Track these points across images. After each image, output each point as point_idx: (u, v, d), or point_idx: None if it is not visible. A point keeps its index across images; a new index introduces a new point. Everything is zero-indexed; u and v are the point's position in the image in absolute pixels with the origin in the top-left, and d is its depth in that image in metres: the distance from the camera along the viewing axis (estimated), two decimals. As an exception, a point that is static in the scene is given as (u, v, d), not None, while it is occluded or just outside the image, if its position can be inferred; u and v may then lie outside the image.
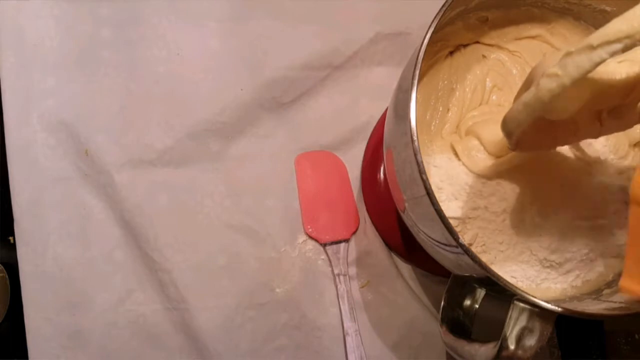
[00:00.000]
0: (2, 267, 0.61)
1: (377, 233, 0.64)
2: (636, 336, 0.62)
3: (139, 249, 0.61)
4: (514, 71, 0.52)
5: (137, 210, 0.62)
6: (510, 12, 0.52)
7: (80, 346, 0.60)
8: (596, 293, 0.46)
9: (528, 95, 0.34)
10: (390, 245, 0.63)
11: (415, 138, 0.37)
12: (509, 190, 0.47)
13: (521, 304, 0.38)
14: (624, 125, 0.36)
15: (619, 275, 0.48)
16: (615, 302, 0.43)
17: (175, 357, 0.60)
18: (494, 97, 0.51)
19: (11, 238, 0.61)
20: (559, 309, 0.37)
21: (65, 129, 0.62)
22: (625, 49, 0.29)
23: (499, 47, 0.52)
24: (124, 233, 0.62)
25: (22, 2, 0.63)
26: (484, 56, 0.52)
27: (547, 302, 0.37)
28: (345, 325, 0.61)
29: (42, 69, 0.63)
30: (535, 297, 0.37)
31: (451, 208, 0.46)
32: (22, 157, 0.62)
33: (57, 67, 0.63)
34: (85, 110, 0.63)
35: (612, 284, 0.47)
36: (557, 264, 0.47)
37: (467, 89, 0.51)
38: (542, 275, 0.47)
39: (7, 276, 0.60)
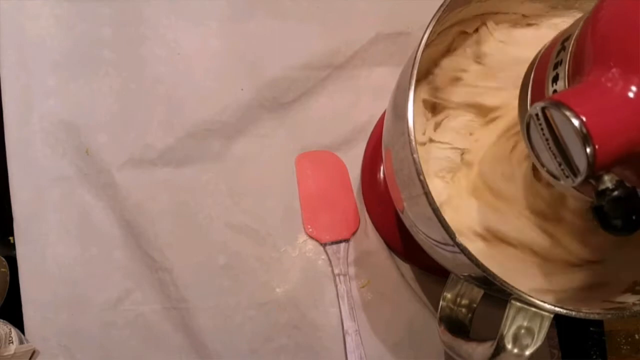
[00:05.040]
0: (5, 262, 0.61)
1: (377, 233, 0.64)
2: (636, 336, 0.62)
3: (139, 248, 0.61)
4: None
5: (138, 209, 0.62)
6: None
7: (79, 346, 0.60)
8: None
9: None
10: (390, 245, 0.63)
11: (412, 137, 0.37)
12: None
13: (518, 303, 0.38)
14: None
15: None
16: (615, 302, 0.43)
17: (175, 356, 0.60)
18: None
19: (11, 238, 0.61)
20: (556, 309, 0.37)
21: (66, 129, 0.62)
22: None
23: None
24: (124, 232, 0.62)
25: (23, 2, 0.63)
26: None
27: (544, 301, 0.37)
28: (345, 325, 0.61)
29: (43, 68, 0.63)
30: (532, 297, 0.37)
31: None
32: (22, 156, 0.62)
33: (57, 66, 0.63)
34: (86, 109, 0.63)
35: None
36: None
37: None
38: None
39: (8, 272, 0.60)
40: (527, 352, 0.38)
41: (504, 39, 0.49)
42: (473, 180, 0.47)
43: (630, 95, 0.27)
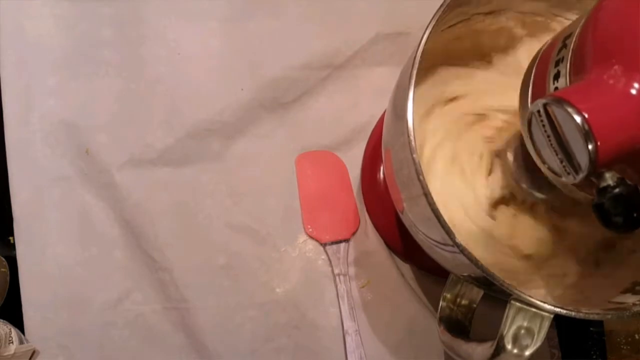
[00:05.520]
0: (5, 262, 0.61)
1: (377, 233, 0.64)
2: (636, 336, 0.62)
3: (139, 248, 0.61)
4: None
5: (138, 209, 0.62)
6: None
7: (79, 346, 0.60)
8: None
9: None
10: (390, 245, 0.63)
11: (412, 138, 0.37)
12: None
13: (518, 304, 0.38)
14: None
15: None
16: (615, 302, 0.43)
17: (175, 356, 0.60)
18: None
19: (11, 238, 0.61)
20: (556, 309, 0.37)
21: (66, 129, 0.62)
22: None
23: None
24: (124, 232, 0.62)
25: (23, 2, 0.63)
26: None
27: (544, 302, 0.37)
28: (345, 325, 0.61)
29: (43, 68, 0.63)
30: (531, 297, 0.37)
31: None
32: (22, 156, 0.62)
33: (57, 66, 0.63)
34: (86, 109, 0.63)
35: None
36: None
37: None
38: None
39: (8, 272, 0.60)
40: (527, 353, 0.37)
41: None
42: None
43: (632, 92, 0.27)
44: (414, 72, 0.39)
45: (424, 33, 0.40)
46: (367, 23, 0.66)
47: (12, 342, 0.56)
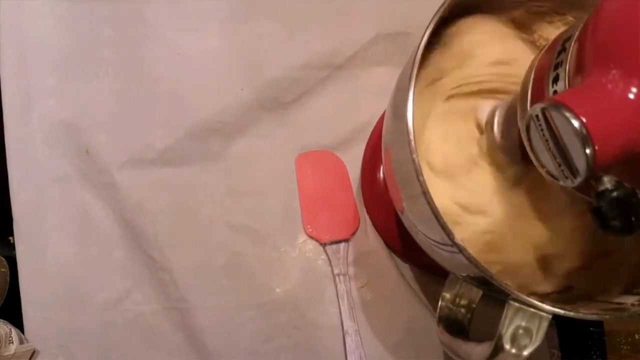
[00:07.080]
0: (5, 262, 0.61)
1: (377, 233, 0.64)
2: (636, 336, 0.62)
3: (139, 248, 0.61)
4: None
5: (138, 209, 0.62)
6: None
7: (79, 346, 0.60)
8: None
9: None
10: (390, 245, 0.63)
11: (412, 138, 0.37)
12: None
13: (516, 304, 0.38)
14: None
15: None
16: (613, 302, 0.43)
17: (174, 356, 0.60)
18: None
19: (11, 238, 0.61)
20: (555, 309, 0.37)
21: (66, 129, 0.62)
22: None
23: None
24: (124, 232, 0.62)
25: (23, 2, 0.63)
26: None
27: (543, 302, 0.37)
28: (345, 325, 0.61)
29: (43, 68, 0.63)
30: (529, 297, 0.37)
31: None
32: (21, 156, 0.62)
33: (57, 66, 0.63)
34: (86, 109, 0.63)
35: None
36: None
37: None
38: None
39: (8, 272, 0.61)
40: (526, 353, 0.37)
41: None
42: None
43: (631, 96, 0.27)
44: (414, 72, 0.39)
45: (424, 33, 0.40)
46: (367, 23, 0.66)
47: (12, 342, 0.56)
